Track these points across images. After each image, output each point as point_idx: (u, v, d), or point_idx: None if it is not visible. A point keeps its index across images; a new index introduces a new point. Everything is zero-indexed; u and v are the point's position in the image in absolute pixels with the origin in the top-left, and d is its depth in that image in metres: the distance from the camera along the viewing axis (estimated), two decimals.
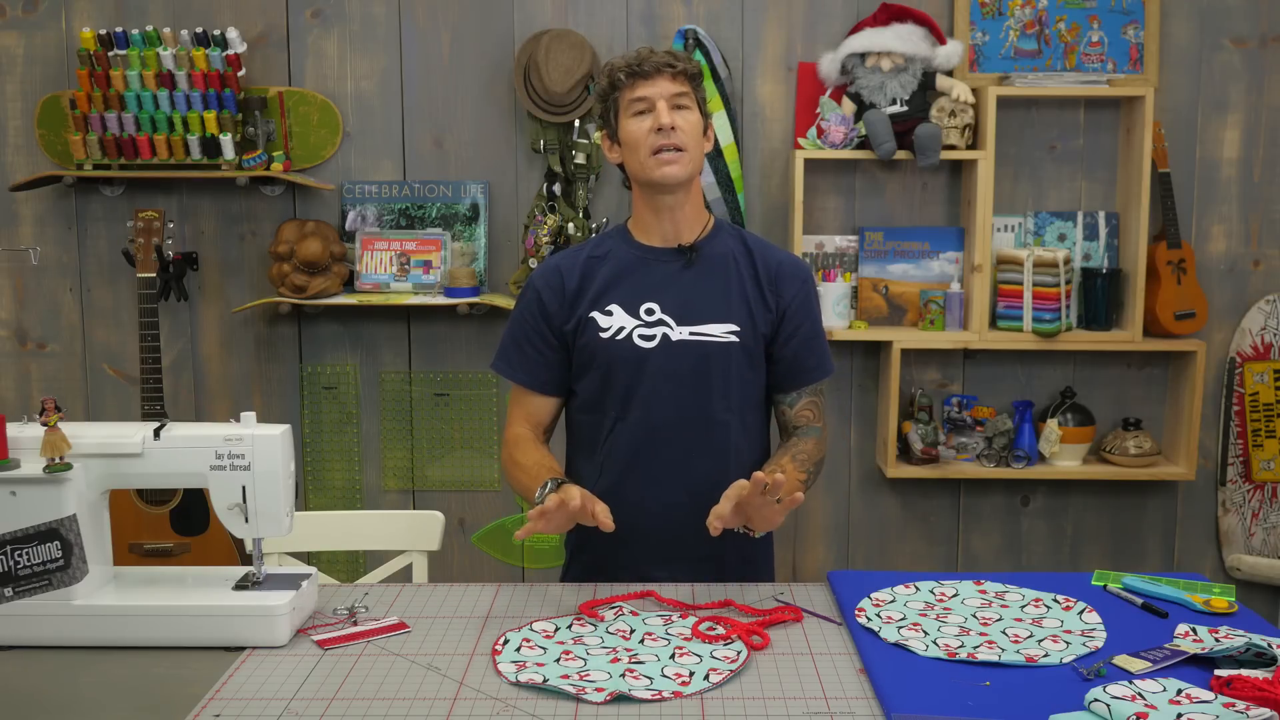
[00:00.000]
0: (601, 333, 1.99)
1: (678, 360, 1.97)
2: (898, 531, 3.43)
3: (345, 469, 3.41)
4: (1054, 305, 3.14)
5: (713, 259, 2.02)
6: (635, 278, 2.01)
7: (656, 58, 1.96)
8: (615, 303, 2.00)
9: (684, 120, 1.95)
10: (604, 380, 2.00)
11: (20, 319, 3.37)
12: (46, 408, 1.64)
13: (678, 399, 1.97)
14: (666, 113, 1.93)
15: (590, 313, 2.00)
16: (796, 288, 2.03)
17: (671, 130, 1.92)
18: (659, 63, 1.95)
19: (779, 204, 3.30)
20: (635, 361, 1.97)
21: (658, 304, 1.99)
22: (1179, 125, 3.27)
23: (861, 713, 1.44)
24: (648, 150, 1.94)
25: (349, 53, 3.27)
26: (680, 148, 1.94)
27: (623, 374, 1.98)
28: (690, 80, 1.98)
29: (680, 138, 1.93)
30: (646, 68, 1.94)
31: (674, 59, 1.96)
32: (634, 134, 1.96)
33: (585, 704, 1.46)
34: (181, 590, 1.72)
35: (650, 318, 1.99)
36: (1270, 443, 3.34)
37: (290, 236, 3.21)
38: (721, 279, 2.01)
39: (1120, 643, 1.61)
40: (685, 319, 1.99)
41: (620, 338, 1.98)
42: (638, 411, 1.99)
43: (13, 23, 3.26)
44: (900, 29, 3.12)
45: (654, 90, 1.94)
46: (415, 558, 2.27)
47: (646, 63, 1.95)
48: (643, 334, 1.98)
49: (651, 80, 1.94)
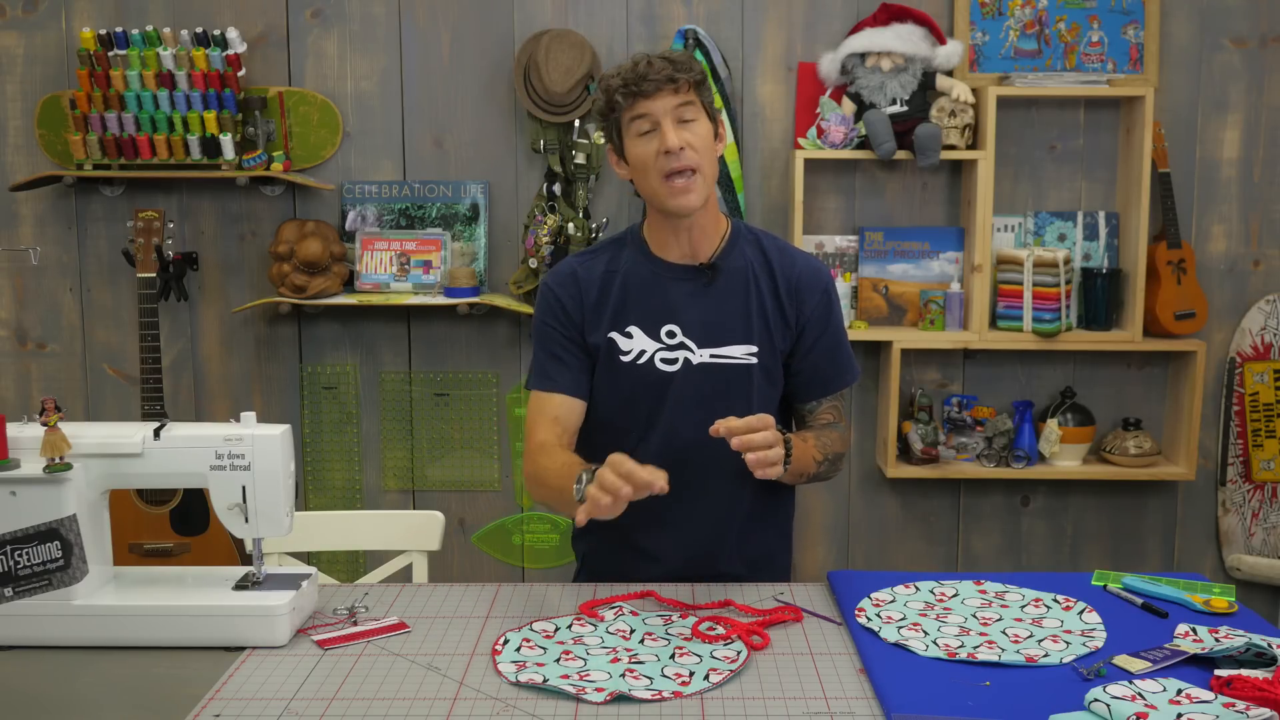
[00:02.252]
0: (623, 356, 1.95)
1: (699, 384, 1.94)
2: (898, 531, 3.43)
3: (345, 469, 3.41)
4: (1054, 305, 3.14)
5: (732, 275, 1.96)
6: (654, 297, 1.95)
7: (656, 71, 1.83)
8: (634, 323, 1.95)
9: (692, 135, 1.85)
10: (626, 402, 1.96)
11: (20, 319, 3.37)
12: (46, 408, 1.64)
13: (698, 422, 1.85)
14: (673, 133, 1.83)
15: (610, 333, 1.96)
16: (816, 299, 1.98)
17: (681, 151, 1.83)
18: (659, 78, 1.83)
19: (779, 204, 3.30)
20: (658, 385, 1.94)
21: (679, 326, 1.94)
22: (1179, 125, 3.27)
23: (861, 713, 1.44)
24: (658, 175, 1.85)
25: (349, 53, 3.27)
26: (693, 169, 1.85)
27: (645, 398, 1.94)
28: (695, 87, 1.86)
29: (691, 157, 1.84)
30: (647, 86, 1.83)
31: (674, 68, 1.84)
32: (641, 157, 1.87)
33: (585, 704, 1.46)
34: (181, 590, 1.72)
35: (671, 340, 1.94)
36: (1270, 443, 3.34)
37: (290, 236, 3.21)
38: (741, 298, 1.96)
39: (1120, 643, 1.61)
40: (706, 341, 1.94)
41: (642, 362, 1.94)
42: (659, 433, 1.95)
43: (13, 23, 3.26)
44: (900, 29, 3.12)
45: (656, 107, 1.84)
46: (415, 558, 2.27)
47: (646, 80, 1.83)
48: (664, 357, 1.94)
49: (653, 98, 1.84)
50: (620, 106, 1.88)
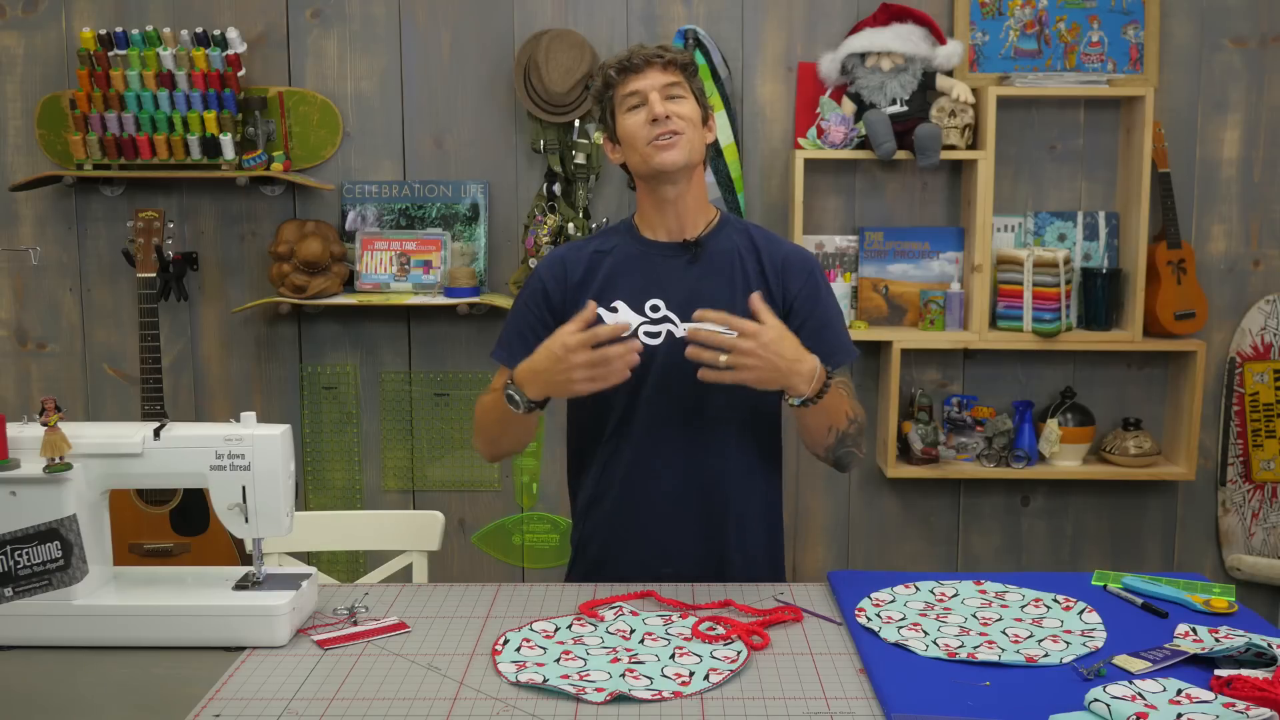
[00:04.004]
0: None
1: (682, 357, 1.97)
2: (898, 531, 3.43)
3: (345, 469, 3.41)
4: (1054, 305, 3.14)
5: (718, 255, 2.02)
6: (639, 273, 2.01)
7: (645, 50, 1.98)
8: (620, 298, 2.00)
9: (679, 107, 1.96)
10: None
11: (20, 319, 3.37)
12: (46, 408, 1.64)
13: (682, 396, 1.96)
14: (659, 102, 1.94)
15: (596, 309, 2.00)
16: (802, 280, 2.02)
17: (666, 119, 1.93)
18: (648, 55, 1.97)
19: (779, 204, 3.30)
20: (642, 357, 1.96)
21: (663, 300, 1.99)
22: (1179, 125, 3.27)
23: (861, 713, 1.44)
24: (644, 140, 1.95)
25: (349, 53, 3.27)
26: (676, 131, 1.94)
27: (631, 371, 1.98)
28: (682, 70, 1.98)
29: (676, 123, 1.94)
30: (636, 60, 1.96)
31: (663, 50, 1.98)
32: (630, 128, 1.97)
33: (585, 704, 1.46)
34: (181, 590, 1.72)
35: (655, 314, 1.99)
36: (1270, 443, 3.34)
37: (290, 236, 3.21)
38: (727, 275, 2.00)
39: (1120, 643, 1.61)
40: (690, 315, 1.96)
41: (625, 335, 1.98)
42: (644, 408, 1.99)
43: (13, 23, 3.26)
44: (900, 29, 3.12)
45: (645, 83, 1.95)
46: (415, 558, 2.27)
47: (635, 56, 1.97)
48: (649, 330, 1.99)
49: (642, 73, 1.96)
50: (614, 83, 1.99)
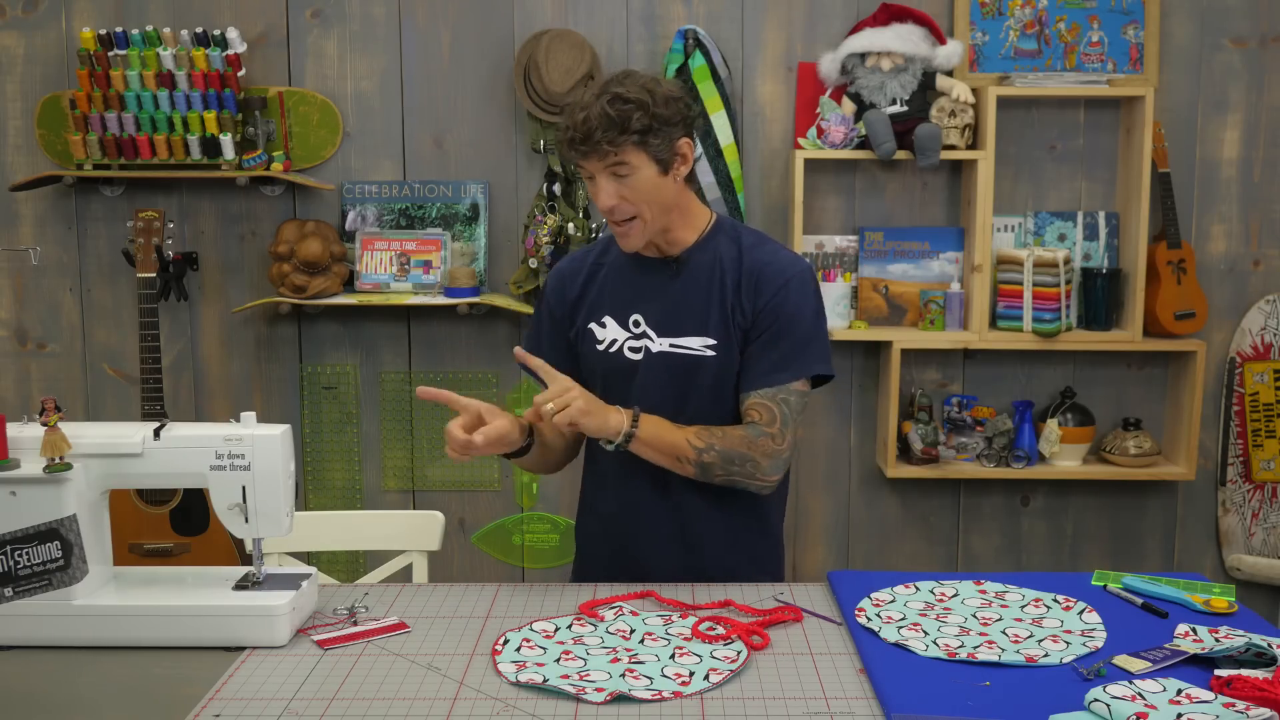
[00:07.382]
0: (598, 345, 2.02)
1: (658, 372, 1.98)
2: (898, 531, 3.43)
3: (345, 469, 3.41)
4: (1054, 305, 3.14)
5: (699, 268, 1.99)
6: (626, 288, 2.02)
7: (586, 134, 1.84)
8: (608, 314, 2.02)
9: (628, 188, 1.87)
10: (604, 391, 1.99)
11: (20, 319, 3.37)
12: (46, 408, 1.64)
13: (659, 410, 1.94)
14: (604, 193, 1.88)
15: (588, 324, 2.03)
16: (772, 292, 1.95)
17: (612, 209, 1.89)
18: (586, 149, 1.85)
19: (779, 204, 3.30)
20: (626, 373, 2.00)
21: (643, 315, 2.00)
22: (1179, 125, 3.27)
23: (861, 713, 1.44)
24: (604, 217, 1.95)
25: (349, 53, 3.27)
26: (628, 218, 1.91)
27: (617, 385, 2.00)
28: (638, 139, 1.84)
29: (625, 209, 1.89)
30: (582, 149, 1.86)
31: (604, 132, 1.83)
32: (593, 198, 1.95)
33: (585, 704, 1.46)
34: (181, 590, 1.72)
35: (636, 329, 2.00)
36: (1270, 443, 3.34)
37: (290, 236, 3.21)
38: (704, 291, 1.98)
39: (1120, 643, 1.61)
40: (665, 331, 1.98)
41: (613, 350, 2.01)
42: None
43: (13, 23, 3.26)
44: (900, 29, 3.12)
45: (590, 166, 1.89)
46: (415, 558, 2.27)
47: (576, 142, 1.86)
48: (631, 345, 2.00)
49: (587, 158, 1.88)
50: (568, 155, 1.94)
